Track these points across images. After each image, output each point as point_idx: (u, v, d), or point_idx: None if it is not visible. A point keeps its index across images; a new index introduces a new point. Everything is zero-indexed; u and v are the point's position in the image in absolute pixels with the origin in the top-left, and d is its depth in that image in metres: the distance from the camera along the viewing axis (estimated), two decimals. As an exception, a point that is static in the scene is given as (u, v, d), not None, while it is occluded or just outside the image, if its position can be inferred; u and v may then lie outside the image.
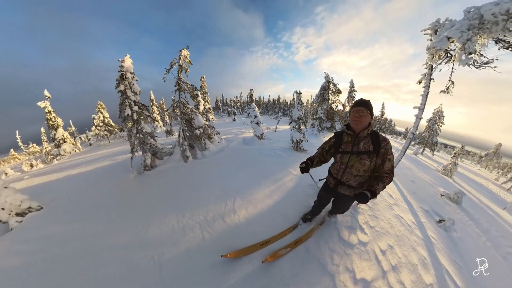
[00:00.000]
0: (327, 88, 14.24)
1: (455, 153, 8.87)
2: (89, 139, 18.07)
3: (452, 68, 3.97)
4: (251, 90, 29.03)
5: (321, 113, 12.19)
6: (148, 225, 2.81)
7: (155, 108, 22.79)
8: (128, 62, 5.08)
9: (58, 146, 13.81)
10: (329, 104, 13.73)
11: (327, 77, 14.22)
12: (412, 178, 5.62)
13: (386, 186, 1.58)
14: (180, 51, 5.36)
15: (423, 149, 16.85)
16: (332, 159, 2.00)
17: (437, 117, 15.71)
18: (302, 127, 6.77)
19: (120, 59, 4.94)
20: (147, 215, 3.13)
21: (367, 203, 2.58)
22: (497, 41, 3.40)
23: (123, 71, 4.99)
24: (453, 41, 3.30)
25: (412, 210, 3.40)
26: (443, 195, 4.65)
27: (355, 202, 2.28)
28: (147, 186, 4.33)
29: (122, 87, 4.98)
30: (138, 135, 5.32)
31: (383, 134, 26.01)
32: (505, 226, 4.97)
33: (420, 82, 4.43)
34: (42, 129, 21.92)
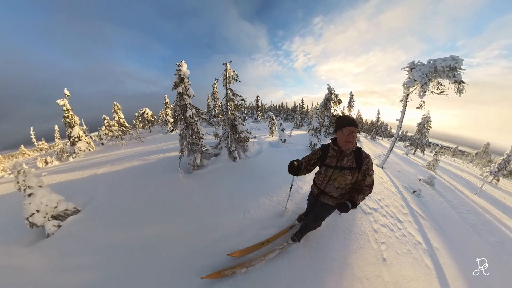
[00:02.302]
0: (330, 98, 16.41)
1: (436, 151, 10.99)
2: (101, 139, 17.87)
3: (426, 93, 6.07)
4: (257, 96, 31.20)
5: (327, 121, 14.21)
6: (248, 210, 3.32)
7: (169, 111, 22.44)
8: (184, 67, 5.34)
9: (73, 144, 13.75)
10: (331, 112, 15.87)
11: (329, 88, 16.38)
12: (399, 169, 7.64)
13: (366, 197, 1.72)
14: (226, 64, 5.93)
15: (415, 150, 19.01)
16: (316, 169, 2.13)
17: (425, 122, 17.97)
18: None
19: (177, 63, 5.28)
20: (237, 204, 3.57)
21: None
22: (447, 79, 5.50)
23: (181, 74, 5.26)
24: (417, 82, 5.39)
25: (395, 186, 5.39)
26: (420, 179, 6.66)
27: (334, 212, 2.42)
28: (212, 183, 4.77)
29: (180, 89, 5.30)
30: (193, 135, 5.73)
31: (379, 137, 28.18)
32: (467, 200, 6.96)
33: (401, 100, 6.51)
34: (56, 127, 22.32)
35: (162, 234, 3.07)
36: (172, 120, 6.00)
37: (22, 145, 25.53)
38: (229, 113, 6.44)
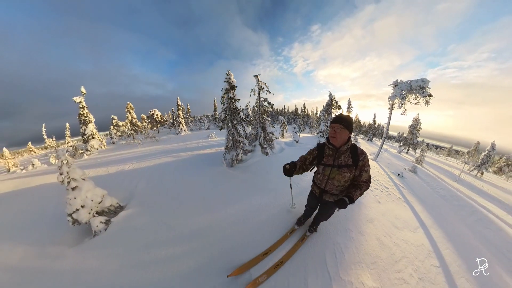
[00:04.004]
0: (331, 104, 18.66)
1: (422, 148, 13.08)
2: (112, 138, 18.23)
3: (405, 105, 8.19)
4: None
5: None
6: (298, 183, 4.60)
7: (180, 113, 22.68)
8: (232, 76, 6.34)
9: (86, 141, 13.70)
10: (332, 117, 18.09)
11: (330, 95, 18.64)
12: (389, 162, 9.70)
13: (363, 193, 1.85)
14: (256, 76, 7.40)
15: (408, 149, 21.13)
16: (315, 168, 2.21)
17: (416, 124, 20.22)
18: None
19: (227, 72, 6.34)
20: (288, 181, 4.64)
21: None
22: (419, 94, 7.62)
23: (230, 82, 6.20)
24: (397, 97, 7.52)
25: (384, 171, 7.43)
26: (405, 169, 8.69)
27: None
28: (260, 171, 5.84)
29: (231, 95, 6.30)
30: (243, 133, 6.86)
31: (376, 139, 30.41)
32: (444, 183, 8.98)
33: (389, 109, 8.61)
34: (67, 124, 21.99)
35: (239, 211, 3.52)
36: (222, 120, 6.70)
37: (30, 142, 25.71)
38: (261, 117, 8.35)
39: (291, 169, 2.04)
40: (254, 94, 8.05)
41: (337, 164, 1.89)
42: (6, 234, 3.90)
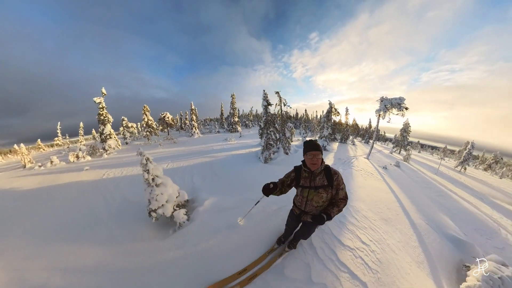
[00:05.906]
0: (331, 111, 21.35)
1: (408, 148, 15.69)
2: (125, 138, 18.53)
3: (389, 115, 10.85)
4: (266, 106, 36.18)
5: (330, 130, 18.97)
6: None
7: (194, 117, 22.94)
8: (268, 95, 8.96)
9: (103, 140, 13.87)
10: (332, 123, 20.73)
11: (330, 103, 21.33)
12: (379, 160, 12.28)
13: (342, 209, 1.99)
14: (277, 92, 10.30)
15: (400, 150, 23.75)
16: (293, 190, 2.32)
17: (406, 127, 22.93)
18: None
19: (264, 91, 8.99)
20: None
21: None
22: (397, 108, 10.29)
23: (267, 99, 8.90)
24: (381, 111, 10.18)
25: (373, 165, 10.00)
26: (391, 164, 11.27)
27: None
28: (289, 164, 7.52)
29: (270, 110, 9.03)
30: (276, 138, 9.78)
31: (372, 141, 32.97)
32: (422, 174, 11.58)
33: (377, 117, 11.25)
34: (81, 123, 21.76)
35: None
36: (262, 128, 8.89)
37: (39, 140, 25.73)
38: (282, 126, 10.96)
39: (271, 189, 2.07)
40: (274, 108, 10.69)
41: (313, 185, 2.02)
42: (65, 234, 3.75)
